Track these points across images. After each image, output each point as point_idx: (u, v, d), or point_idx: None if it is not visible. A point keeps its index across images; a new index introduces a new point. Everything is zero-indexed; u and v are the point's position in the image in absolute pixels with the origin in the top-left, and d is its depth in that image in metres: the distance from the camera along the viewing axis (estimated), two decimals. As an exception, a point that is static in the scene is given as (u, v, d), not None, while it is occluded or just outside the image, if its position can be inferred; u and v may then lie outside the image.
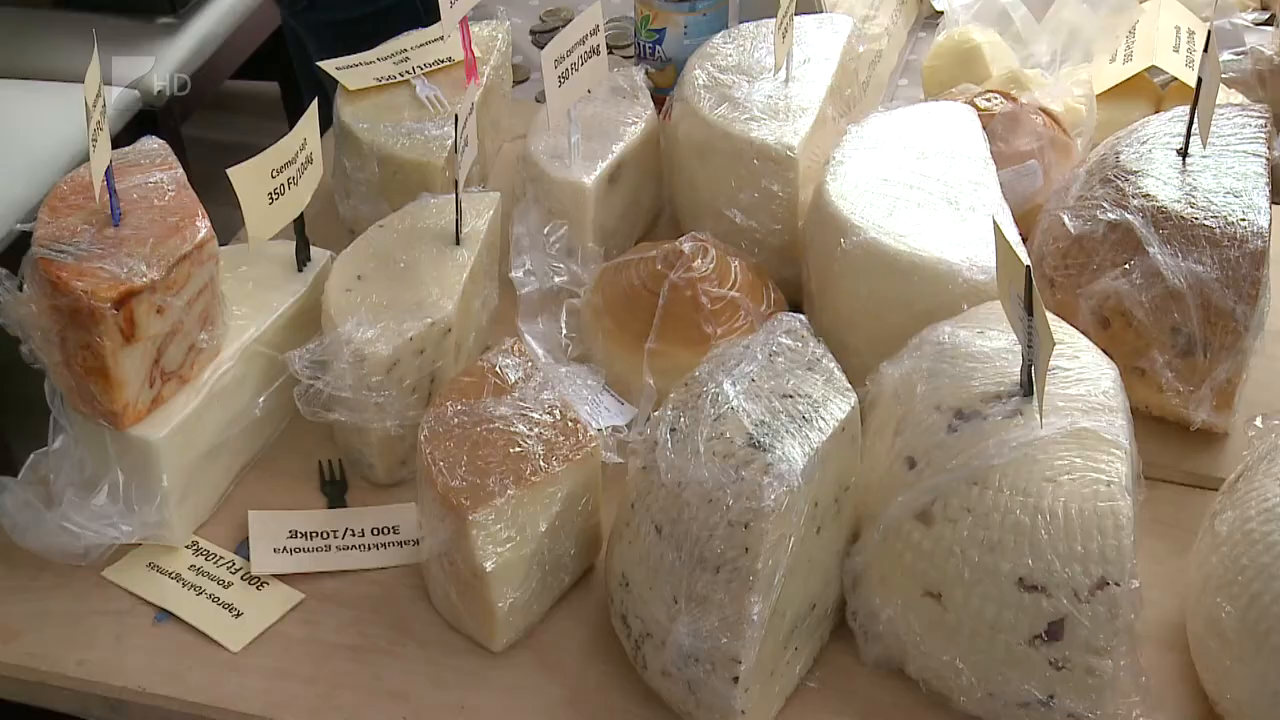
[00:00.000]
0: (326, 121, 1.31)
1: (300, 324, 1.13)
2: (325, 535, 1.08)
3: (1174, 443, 1.11)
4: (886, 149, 1.20)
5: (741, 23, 1.40)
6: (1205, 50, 1.11)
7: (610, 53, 1.62)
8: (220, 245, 1.07)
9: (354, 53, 1.38)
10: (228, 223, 1.14)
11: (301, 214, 1.13)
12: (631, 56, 1.56)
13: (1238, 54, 1.42)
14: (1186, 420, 1.09)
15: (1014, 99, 1.33)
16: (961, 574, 0.88)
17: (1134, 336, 1.09)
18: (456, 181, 1.14)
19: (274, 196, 1.09)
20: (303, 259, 1.16)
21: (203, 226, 1.03)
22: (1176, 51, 1.38)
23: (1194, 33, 1.41)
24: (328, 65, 1.36)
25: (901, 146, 1.20)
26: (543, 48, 1.19)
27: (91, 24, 2.01)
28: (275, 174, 1.08)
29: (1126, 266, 1.09)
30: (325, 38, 1.91)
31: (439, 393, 1.06)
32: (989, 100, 1.32)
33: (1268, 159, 1.13)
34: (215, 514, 1.10)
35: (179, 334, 1.02)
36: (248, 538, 1.07)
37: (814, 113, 1.25)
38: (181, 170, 1.08)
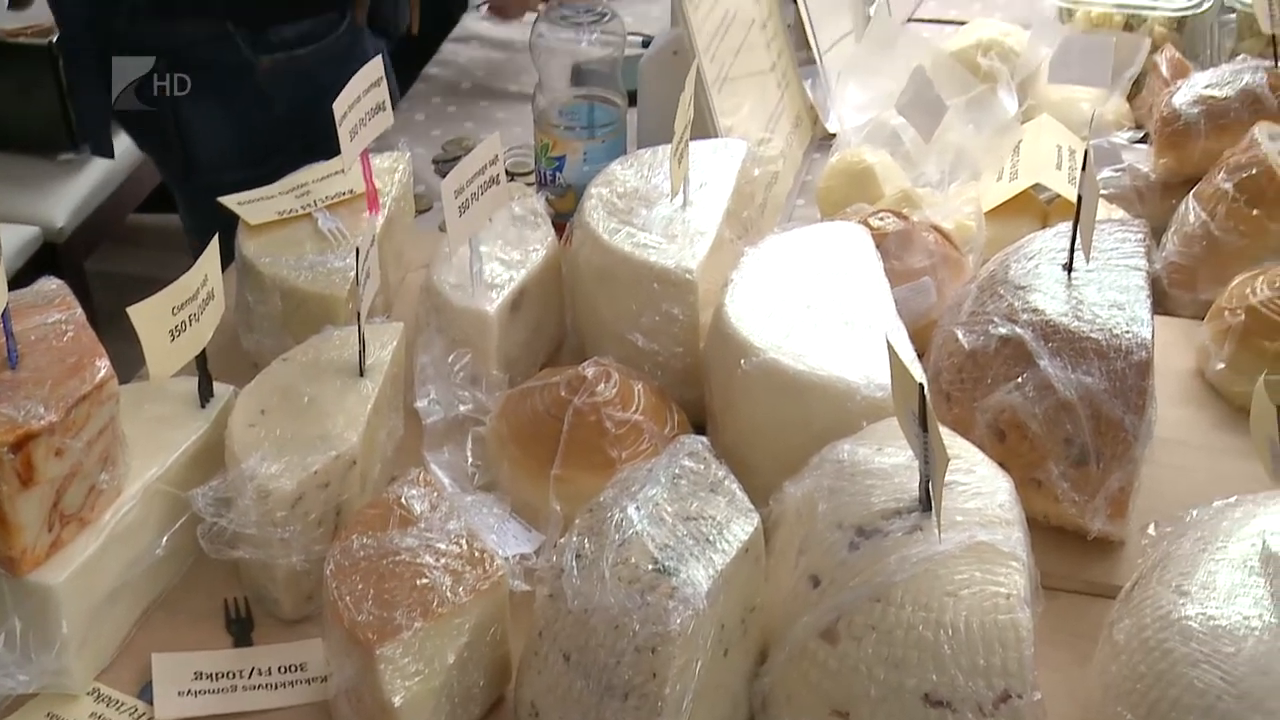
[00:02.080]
0: (229, 255, 1.32)
1: (203, 461, 1.12)
2: (231, 675, 1.06)
3: (1072, 552, 1.13)
4: (783, 270, 1.23)
5: (640, 149, 1.44)
6: (1084, 169, 1.15)
7: (512, 179, 1.65)
8: (124, 382, 1.07)
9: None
10: (132, 358, 1.14)
11: (204, 350, 1.13)
12: (533, 183, 1.59)
13: (1116, 170, 1.47)
14: (1083, 530, 1.12)
15: (906, 218, 1.36)
16: (868, 691, 0.89)
17: (1029, 448, 1.11)
18: (359, 313, 1.15)
19: (175, 333, 1.09)
20: (205, 395, 1.16)
21: (102, 366, 1.02)
22: (1059, 169, 1.43)
23: (1074, 151, 1.46)
24: (229, 201, 1.36)
25: (798, 267, 1.23)
26: (445, 176, 1.21)
27: (-9, 162, 2.01)
28: (176, 311, 1.09)
29: (1019, 380, 1.11)
30: (207, 208, 1.90)
31: (345, 526, 1.05)
32: (882, 219, 1.35)
33: (1148, 272, 1.17)
34: (117, 658, 1.08)
35: (78, 475, 1.01)
36: (151, 681, 1.05)
37: (711, 236, 1.28)
38: (80, 310, 1.08)
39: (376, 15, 1.87)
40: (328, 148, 1.26)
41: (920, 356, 1.17)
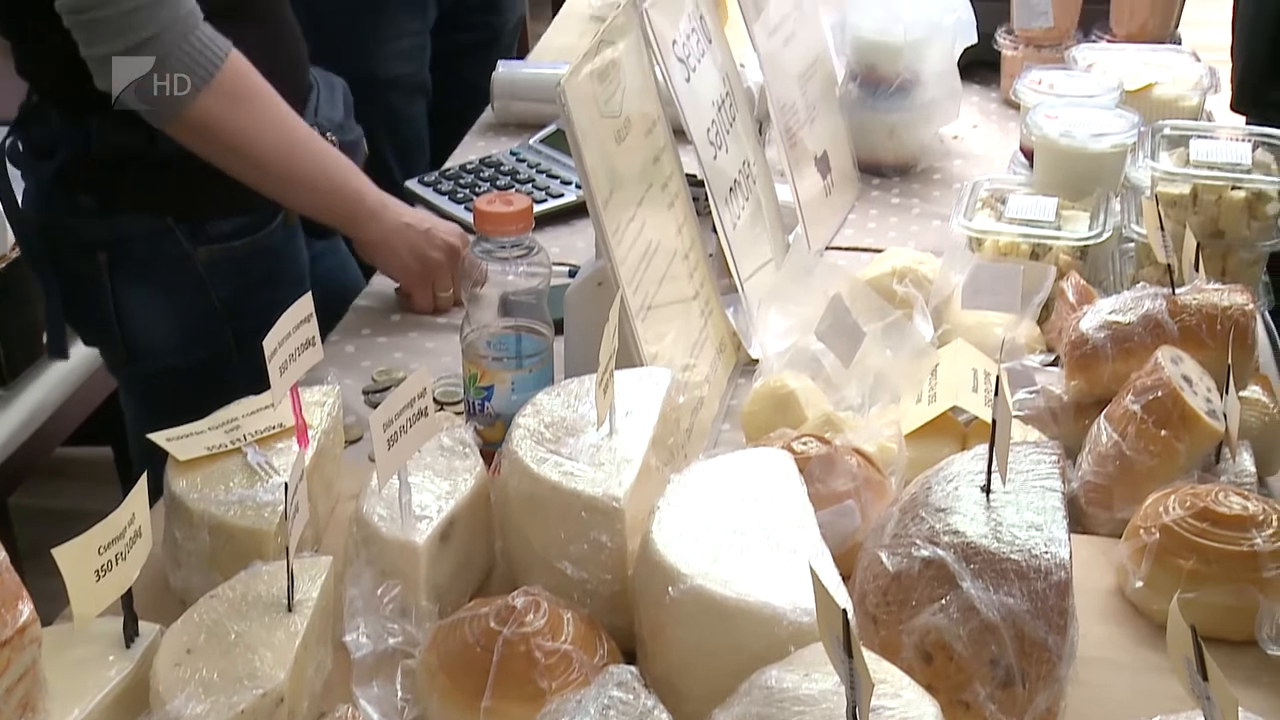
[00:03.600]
0: (158, 489, 1.32)
1: (128, 703, 1.11)
2: None
3: (1004, 773, 1.13)
4: (709, 496, 1.25)
5: (568, 377, 1.46)
6: (996, 393, 1.19)
7: (441, 409, 1.67)
8: (49, 619, 1.06)
9: (179, 410, 1.40)
10: (57, 593, 1.12)
11: (129, 589, 1.13)
12: (462, 413, 1.61)
13: (1030, 392, 1.52)
14: (1013, 750, 1.12)
15: (828, 442, 1.39)
16: None
17: (956, 670, 1.12)
18: (288, 548, 1.15)
19: (101, 573, 1.08)
20: (130, 635, 1.15)
21: (24, 610, 1.02)
22: (975, 391, 1.47)
23: (989, 374, 1.50)
24: (158, 437, 1.37)
25: (723, 493, 1.25)
26: (375, 407, 1.23)
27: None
28: (103, 550, 1.08)
29: (943, 601, 1.13)
30: (148, 392, 1.95)
31: (271, 767, 1.04)
32: (805, 444, 1.38)
33: (1064, 492, 1.20)
34: None
35: (-3, 722, 1.00)
36: None
37: (638, 464, 1.30)
38: (3, 552, 1.07)
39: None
40: (258, 337, 1.29)
41: (846, 579, 1.19)
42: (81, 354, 2.28)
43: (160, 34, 1.65)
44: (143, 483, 1.14)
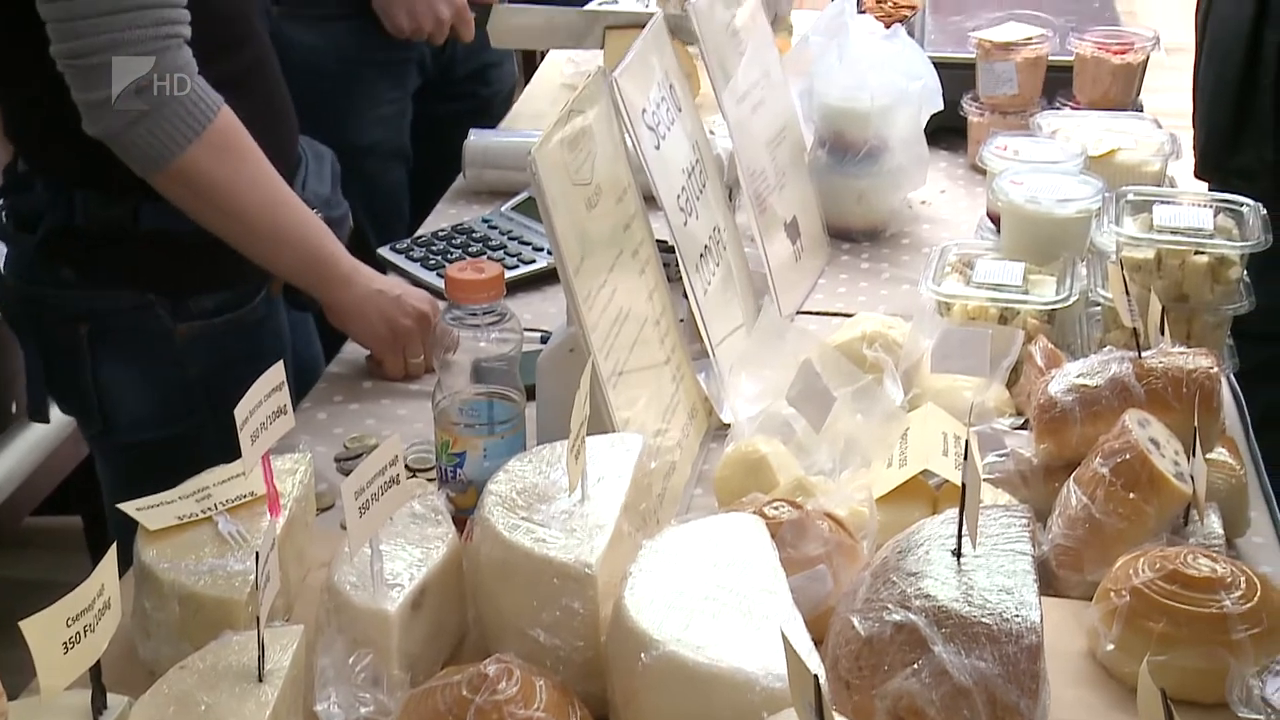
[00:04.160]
0: (129, 559, 1.31)
1: (95, 775, 1.10)
2: None
3: (978, 839, 1.13)
4: (681, 562, 1.25)
5: (540, 443, 1.47)
6: (966, 457, 1.20)
7: (413, 475, 1.67)
8: (14, 694, 1.05)
9: (155, 481, 1.40)
10: (24, 664, 1.12)
11: (98, 660, 1.12)
12: (434, 479, 1.60)
13: (1000, 456, 1.53)
14: (987, 816, 1.12)
15: (800, 506, 1.40)
16: None
17: (929, 734, 1.12)
18: (259, 618, 1.15)
19: (69, 645, 1.07)
20: (98, 708, 1.14)
21: (-8, 684, 1.01)
22: (945, 455, 1.48)
23: (959, 437, 1.51)
24: (128, 507, 1.37)
25: (695, 559, 1.25)
26: (348, 474, 1.22)
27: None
28: (71, 622, 1.08)
29: (916, 666, 1.13)
30: (123, 464, 1.95)
31: (240, 840, 1.03)
32: (777, 508, 1.39)
33: (1034, 556, 1.21)
34: None
35: (-37, 797, 0.99)
36: None
37: (610, 530, 1.30)
38: (-28, 624, 1.07)
39: (293, 288, 1.95)
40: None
41: (819, 644, 1.19)
42: (50, 424, 2.27)
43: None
44: (112, 553, 1.13)
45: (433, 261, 2.18)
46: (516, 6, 2.67)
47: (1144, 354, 1.52)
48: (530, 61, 3.37)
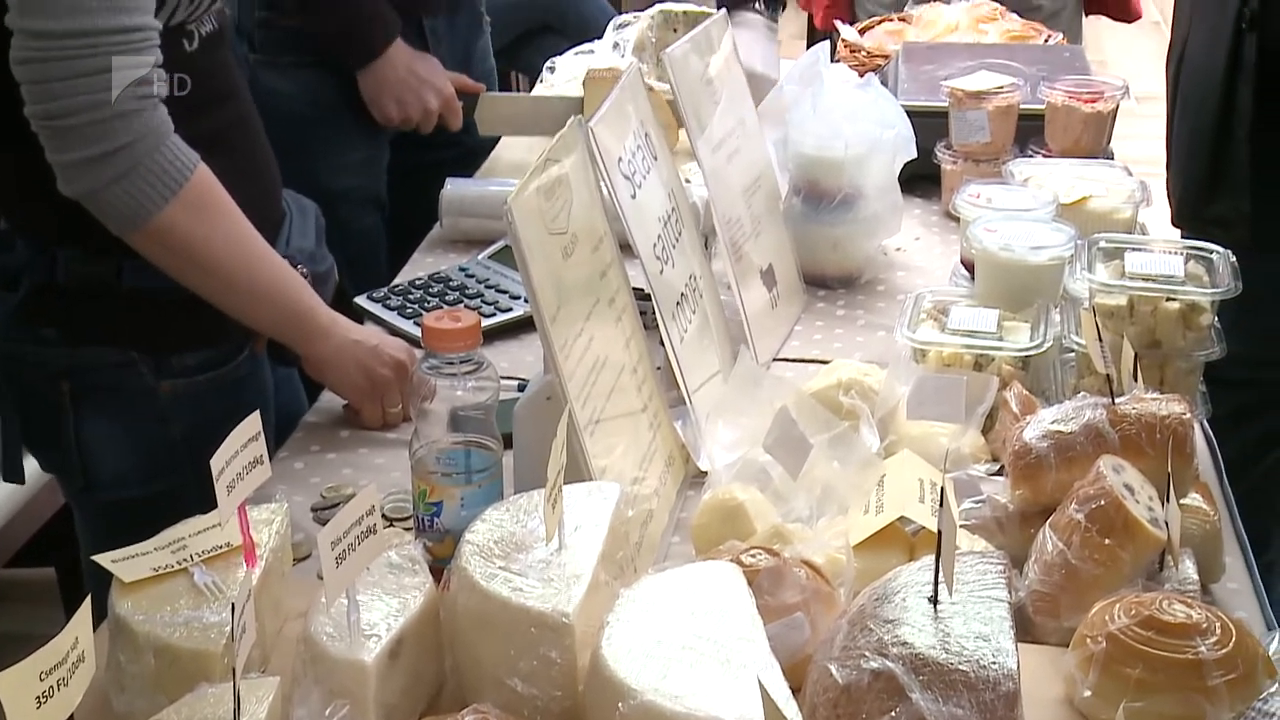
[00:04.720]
0: (103, 611, 1.30)
1: (67, 831, 1.09)
2: None
3: None
4: (659, 611, 1.25)
5: (517, 491, 1.46)
6: (941, 504, 1.20)
7: (390, 525, 1.67)
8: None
9: (135, 538, 1.39)
10: (-5, 717, 1.11)
11: (72, 715, 1.11)
12: (411, 528, 1.60)
13: (976, 502, 1.53)
14: None
15: (777, 554, 1.40)
16: None
17: (907, 783, 1.12)
18: (235, 670, 1.14)
19: (42, 700, 1.06)
20: (72, 761, 1.13)
21: (-35, 737, 1.00)
22: (922, 502, 1.48)
23: (935, 484, 1.52)
24: (103, 559, 1.36)
25: (673, 607, 1.25)
26: (324, 524, 1.22)
27: None
28: (44, 676, 1.06)
29: (893, 714, 1.13)
30: (104, 521, 1.93)
31: None
32: (754, 556, 1.39)
33: (1010, 602, 1.21)
34: None
35: None
36: None
37: (587, 579, 1.30)
38: (-57, 679, 1.06)
39: (276, 344, 1.95)
40: None
41: (796, 692, 1.19)
42: (25, 475, 2.26)
43: (133, 143, 1.66)
44: (86, 605, 1.12)
45: (410, 310, 2.19)
46: (503, 95, 2.72)
47: (1118, 400, 1.53)
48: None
